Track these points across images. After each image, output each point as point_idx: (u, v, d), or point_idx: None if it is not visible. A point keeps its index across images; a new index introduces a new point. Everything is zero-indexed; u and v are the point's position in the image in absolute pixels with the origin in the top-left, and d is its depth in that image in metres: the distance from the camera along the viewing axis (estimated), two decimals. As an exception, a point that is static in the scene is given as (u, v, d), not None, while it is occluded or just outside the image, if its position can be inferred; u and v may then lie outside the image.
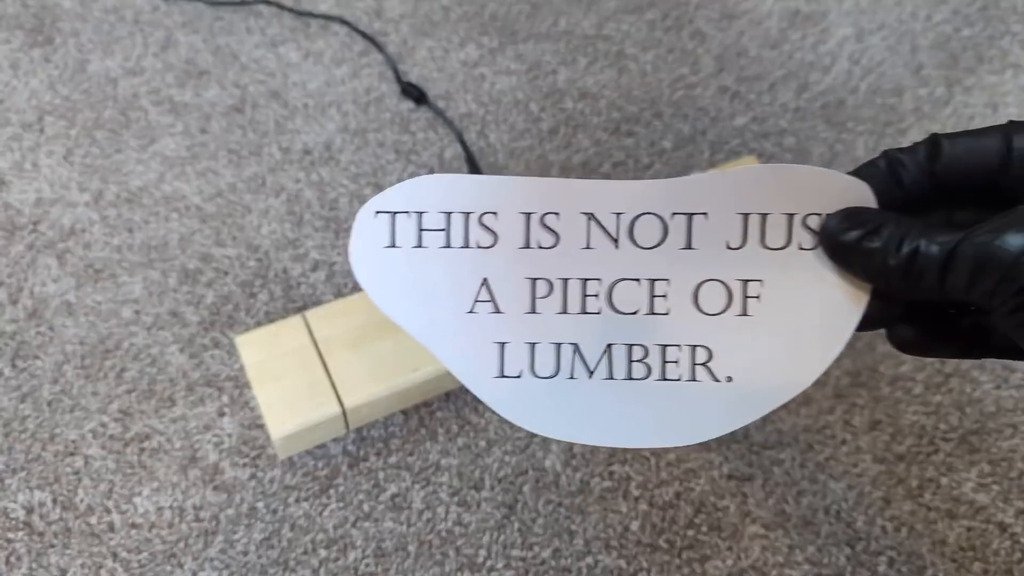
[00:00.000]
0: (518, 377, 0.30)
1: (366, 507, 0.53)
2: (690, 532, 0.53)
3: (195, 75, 0.73)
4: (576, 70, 0.75)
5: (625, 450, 0.55)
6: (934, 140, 0.27)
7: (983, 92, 0.74)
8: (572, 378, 0.29)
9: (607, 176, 0.68)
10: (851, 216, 0.27)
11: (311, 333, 0.54)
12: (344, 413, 0.52)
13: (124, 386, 0.57)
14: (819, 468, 0.55)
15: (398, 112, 0.71)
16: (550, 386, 0.29)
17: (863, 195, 0.28)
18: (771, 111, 0.73)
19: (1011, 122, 0.26)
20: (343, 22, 0.77)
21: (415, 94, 0.72)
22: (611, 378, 0.29)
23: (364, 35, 0.76)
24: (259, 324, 0.59)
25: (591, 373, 0.29)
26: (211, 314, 0.60)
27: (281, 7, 0.77)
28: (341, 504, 0.53)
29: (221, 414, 0.56)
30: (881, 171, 0.28)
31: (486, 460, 0.55)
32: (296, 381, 0.52)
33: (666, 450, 0.55)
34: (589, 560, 0.52)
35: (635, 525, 0.53)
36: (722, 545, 0.52)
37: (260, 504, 0.53)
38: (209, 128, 0.70)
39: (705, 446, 0.55)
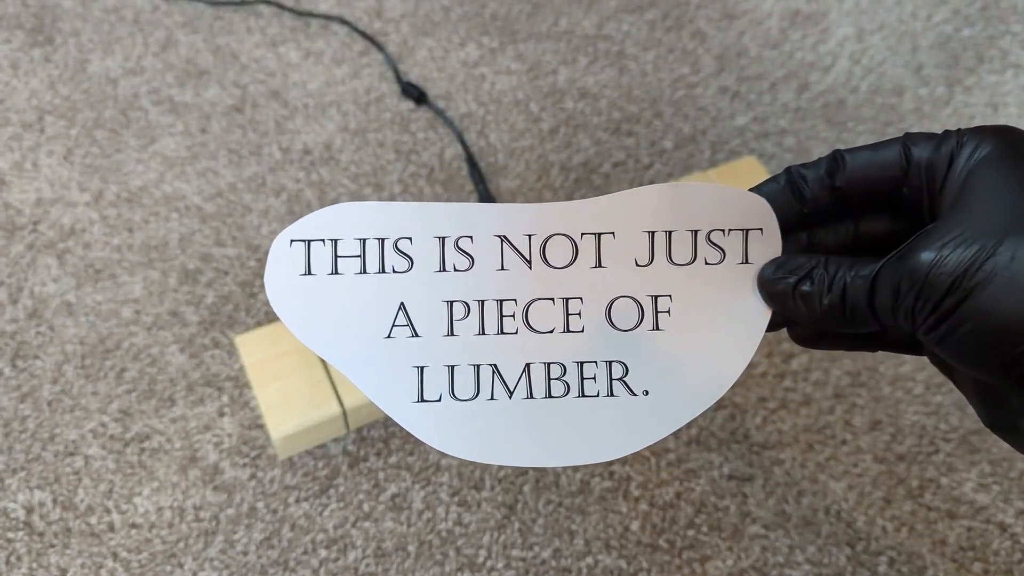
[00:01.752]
0: (438, 401, 0.30)
1: (366, 507, 0.53)
2: (690, 532, 0.53)
3: (195, 75, 0.73)
4: (576, 70, 0.75)
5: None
6: (835, 155, 0.28)
7: (983, 92, 0.74)
8: (492, 399, 0.30)
9: (607, 176, 0.68)
10: (784, 264, 0.29)
11: (311, 333, 0.53)
12: (344, 413, 0.52)
13: (124, 386, 0.57)
14: (819, 468, 0.55)
15: (398, 112, 0.71)
16: (470, 408, 0.30)
17: (763, 210, 0.29)
18: (771, 111, 0.73)
19: (907, 134, 0.28)
20: (343, 22, 0.77)
21: (415, 94, 0.72)
22: (531, 397, 0.30)
23: (364, 35, 0.76)
24: (259, 324, 0.59)
25: (511, 393, 0.30)
26: (211, 314, 0.60)
27: (281, 7, 0.77)
28: (341, 504, 0.53)
29: (221, 414, 0.56)
30: (781, 187, 0.29)
31: (486, 460, 0.55)
32: (296, 381, 0.52)
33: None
34: (589, 560, 0.52)
35: (635, 525, 0.53)
36: (722, 545, 0.52)
37: (260, 504, 0.53)
38: (209, 128, 0.70)
39: (705, 446, 0.55)
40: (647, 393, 0.30)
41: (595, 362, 0.30)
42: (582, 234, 0.30)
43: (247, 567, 0.51)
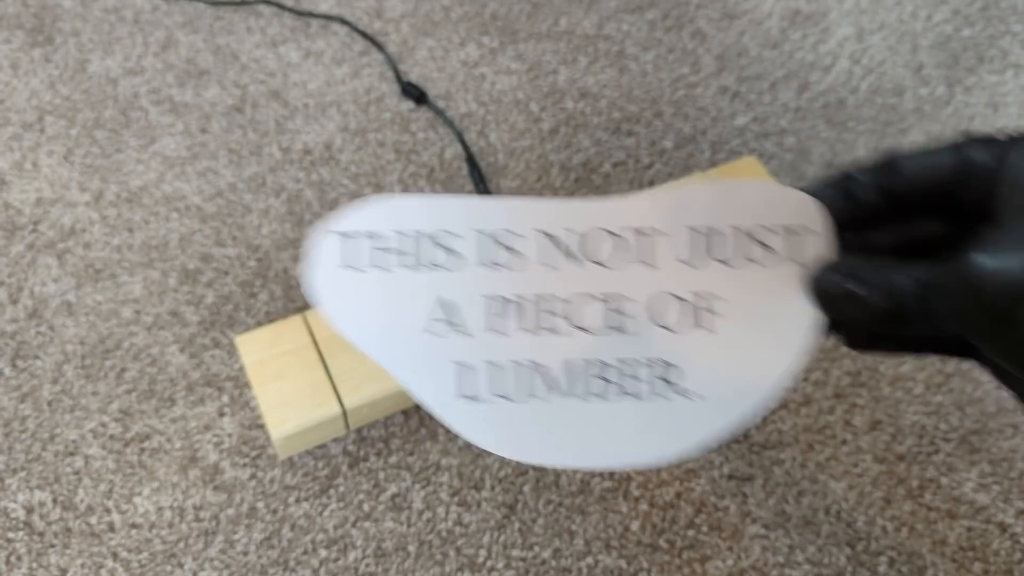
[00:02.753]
0: (477, 397, 0.29)
1: (366, 507, 0.53)
2: (690, 532, 0.53)
3: (195, 75, 0.73)
4: (576, 70, 0.75)
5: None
6: (890, 160, 0.27)
7: (984, 92, 0.74)
8: (533, 396, 0.29)
9: (607, 176, 0.68)
10: (836, 267, 0.28)
11: (311, 333, 0.54)
12: (344, 413, 0.52)
13: (124, 386, 0.57)
14: (819, 468, 0.55)
15: (398, 112, 0.71)
16: (511, 406, 0.29)
17: (813, 211, 0.28)
18: (772, 111, 0.73)
19: (964, 136, 0.27)
20: (343, 22, 0.77)
21: (415, 94, 0.72)
22: (572, 395, 0.29)
23: (364, 35, 0.76)
24: (259, 324, 0.59)
25: (552, 391, 0.29)
26: (211, 314, 0.60)
27: (281, 7, 0.77)
28: (341, 504, 0.53)
29: (221, 414, 0.56)
30: (834, 188, 0.28)
31: (486, 460, 0.55)
32: (296, 381, 0.52)
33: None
34: (589, 560, 0.52)
35: (635, 525, 0.53)
36: (722, 545, 0.52)
37: (260, 504, 0.53)
38: (209, 128, 0.70)
39: (705, 446, 0.55)
40: (693, 395, 0.29)
41: (638, 360, 0.29)
42: (627, 230, 0.29)
43: (247, 567, 0.51)
